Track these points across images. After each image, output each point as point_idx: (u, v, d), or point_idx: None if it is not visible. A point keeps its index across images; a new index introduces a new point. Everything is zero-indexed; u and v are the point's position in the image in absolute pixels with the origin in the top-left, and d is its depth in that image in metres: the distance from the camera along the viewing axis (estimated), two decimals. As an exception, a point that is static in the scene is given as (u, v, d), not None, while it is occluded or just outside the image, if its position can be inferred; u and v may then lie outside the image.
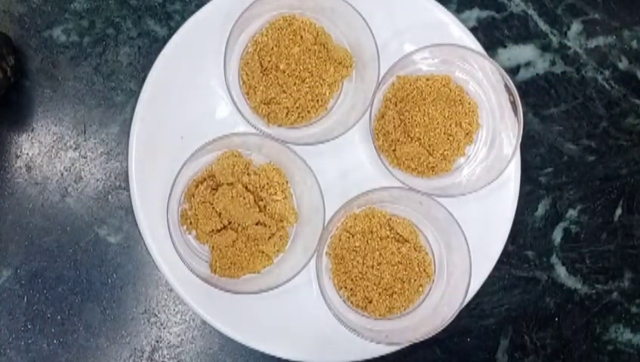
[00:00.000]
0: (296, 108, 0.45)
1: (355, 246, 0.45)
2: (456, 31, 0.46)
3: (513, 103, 0.44)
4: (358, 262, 0.45)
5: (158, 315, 0.47)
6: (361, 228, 0.45)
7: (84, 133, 0.47)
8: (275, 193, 0.45)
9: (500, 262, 0.46)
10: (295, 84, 0.45)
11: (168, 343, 0.47)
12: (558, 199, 0.49)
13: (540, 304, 0.49)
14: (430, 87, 0.46)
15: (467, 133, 0.46)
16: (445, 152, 0.46)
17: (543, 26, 0.49)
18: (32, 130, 0.47)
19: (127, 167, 0.45)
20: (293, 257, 0.45)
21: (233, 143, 0.45)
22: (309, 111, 0.45)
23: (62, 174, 0.47)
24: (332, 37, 0.46)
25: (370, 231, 0.45)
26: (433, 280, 0.46)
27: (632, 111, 0.50)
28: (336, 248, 0.45)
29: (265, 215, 0.44)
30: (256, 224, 0.44)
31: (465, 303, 0.43)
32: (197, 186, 0.44)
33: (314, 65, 0.45)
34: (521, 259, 0.49)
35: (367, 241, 0.45)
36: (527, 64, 0.50)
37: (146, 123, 0.45)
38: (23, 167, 0.47)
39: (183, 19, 0.47)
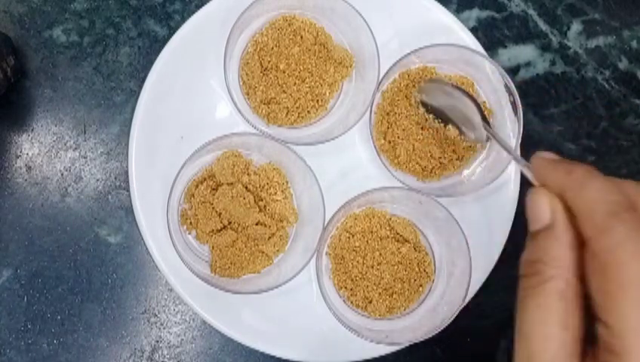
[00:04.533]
0: (296, 108, 0.45)
1: (355, 246, 0.45)
2: (456, 31, 0.46)
3: (513, 103, 0.44)
4: (358, 262, 0.45)
5: (158, 315, 0.47)
6: (361, 228, 0.45)
7: (84, 133, 0.47)
8: (275, 193, 0.45)
9: (499, 262, 0.46)
10: (295, 84, 0.45)
11: (168, 343, 0.47)
12: (558, 199, 0.49)
13: (540, 304, 0.49)
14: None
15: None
16: (445, 152, 0.46)
17: (543, 26, 0.49)
18: (32, 130, 0.47)
19: (127, 167, 0.45)
20: (293, 257, 0.45)
21: (233, 143, 0.45)
22: (309, 112, 0.45)
23: (62, 174, 0.47)
24: (332, 37, 0.46)
25: (370, 231, 0.45)
26: (433, 280, 0.46)
27: (632, 111, 0.50)
28: (336, 248, 0.45)
29: (265, 215, 0.44)
30: (256, 224, 0.44)
31: (465, 303, 0.43)
32: (197, 186, 0.44)
33: (314, 65, 0.45)
34: (521, 259, 0.49)
35: (367, 241, 0.45)
36: (527, 64, 0.50)
37: (146, 123, 0.45)
38: (23, 167, 0.47)
39: (183, 19, 0.47)
